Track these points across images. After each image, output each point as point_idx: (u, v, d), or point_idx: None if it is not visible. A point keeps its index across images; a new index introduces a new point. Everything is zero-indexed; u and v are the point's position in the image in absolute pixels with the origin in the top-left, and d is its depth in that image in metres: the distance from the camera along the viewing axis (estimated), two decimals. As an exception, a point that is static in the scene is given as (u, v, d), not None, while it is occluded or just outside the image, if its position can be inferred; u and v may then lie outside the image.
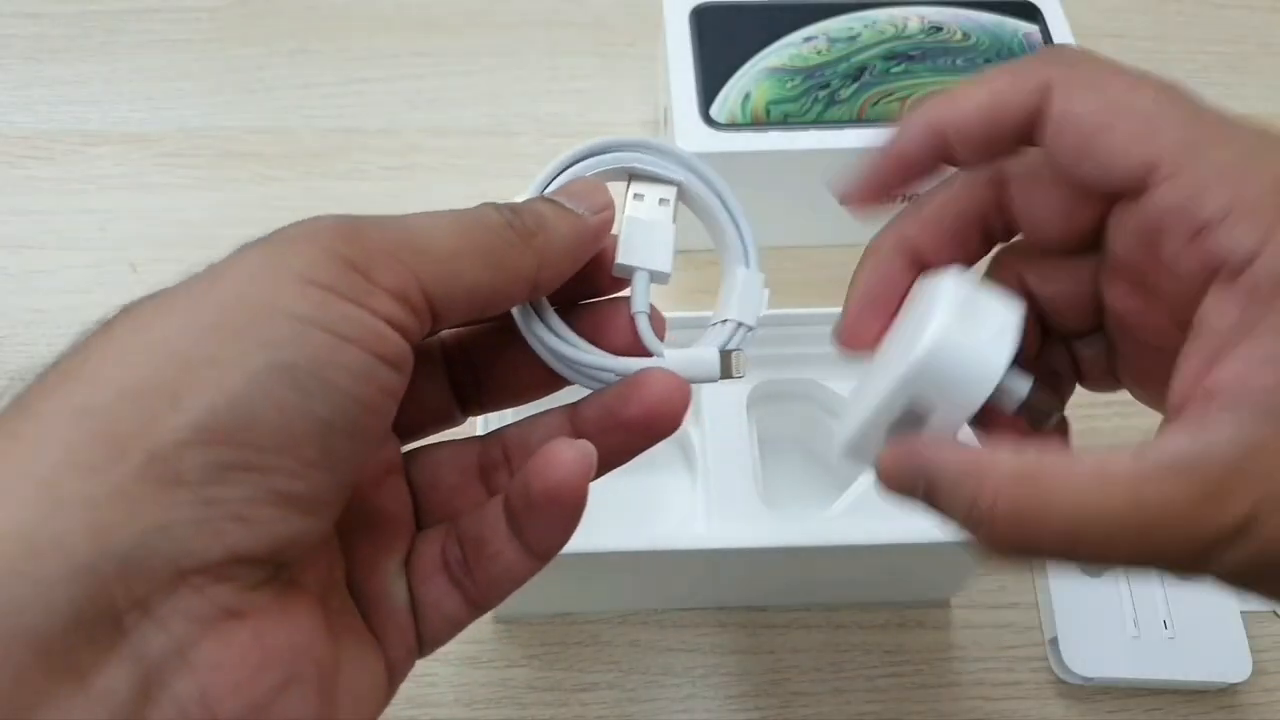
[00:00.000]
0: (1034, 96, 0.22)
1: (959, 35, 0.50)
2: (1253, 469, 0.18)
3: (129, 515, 0.17)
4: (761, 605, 0.41)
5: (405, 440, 0.26)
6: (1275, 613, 0.42)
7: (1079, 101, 0.22)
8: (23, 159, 0.54)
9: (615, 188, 0.26)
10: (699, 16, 0.50)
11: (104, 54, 0.58)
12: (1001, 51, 0.50)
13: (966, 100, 0.23)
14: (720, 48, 0.49)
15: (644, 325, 0.25)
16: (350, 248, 0.20)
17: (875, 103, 0.47)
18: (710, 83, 0.48)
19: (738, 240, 0.28)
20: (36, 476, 0.17)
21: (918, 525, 0.38)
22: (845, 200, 0.28)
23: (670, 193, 0.27)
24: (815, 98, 0.47)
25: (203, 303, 0.19)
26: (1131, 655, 0.39)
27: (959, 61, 0.49)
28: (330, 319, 0.19)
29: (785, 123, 0.47)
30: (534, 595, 0.40)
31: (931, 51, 0.49)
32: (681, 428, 0.41)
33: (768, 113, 0.47)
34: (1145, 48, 0.60)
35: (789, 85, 0.48)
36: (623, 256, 0.25)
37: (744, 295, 0.27)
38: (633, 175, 0.27)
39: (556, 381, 0.25)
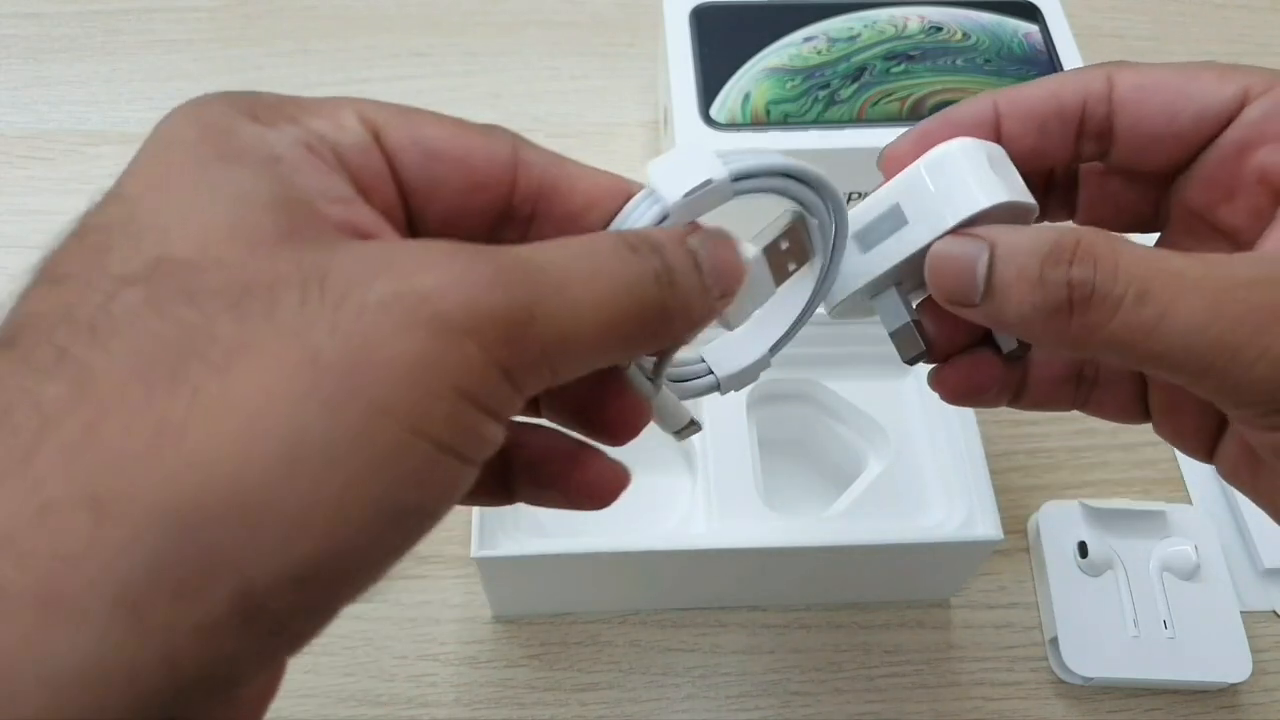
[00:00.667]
0: (1097, 80, 0.24)
1: (959, 35, 0.50)
2: None
3: (203, 649, 0.15)
4: (761, 605, 0.41)
5: None
6: (1275, 612, 0.42)
7: (1146, 72, 0.24)
8: (23, 159, 0.54)
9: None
10: (699, 16, 0.50)
11: (104, 54, 0.58)
12: (1001, 51, 0.50)
13: (1029, 85, 0.24)
14: (720, 48, 0.49)
15: (669, 357, 0.23)
16: (514, 353, 0.16)
17: (875, 103, 0.47)
18: (710, 83, 0.48)
19: (786, 334, 0.26)
20: (114, 594, 0.14)
21: (918, 525, 0.38)
22: (891, 158, 0.25)
23: (802, 264, 0.24)
24: (815, 98, 0.47)
25: (337, 385, 0.15)
26: (1132, 655, 0.39)
27: (959, 61, 0.49)
28: (471, 445, 0.16)
29: (785, 123, 0.47)
30: (534, 595, 0.40)
31: (931, 51, 0.49)
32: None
33: (768, 113, 0.47)
34: (1144, 48, 0.60)
35: (789, 85, 0.48)
36: None
37: (746, 372, 0.26)
38: (801, 220, 0.23)
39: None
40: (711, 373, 0.25)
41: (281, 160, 0.18)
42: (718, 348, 0.25)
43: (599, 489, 0.23)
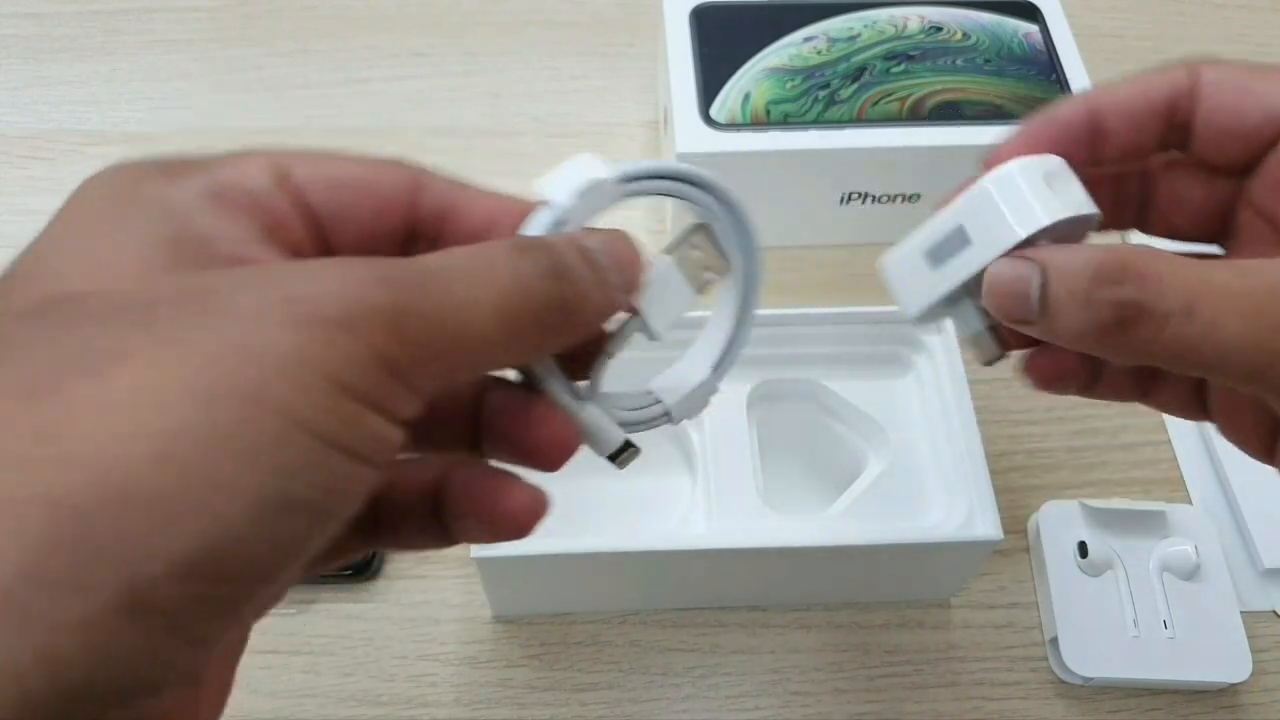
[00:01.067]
0: (1182, 75, 0.25)
1: (959, 35, 0.50)
2: None
3: (88, 647, 0.14)
4: (761, 605, 0.41)
5: None
6: (1275, 613, 0.42)
7: (1226, 68, 0.25)
8: (23, 159, 0.54)
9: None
10: (699, 16, 0.50)
11: (104, 54, 0.58)
12: (1001, 51, 0.50)
13: (1119, 84, 0.26)
14: (720, 48, 0.49)
15: (603, 368, 0.24)
16: (395, 346, 0.17)
17: (875, 103, 0.47)
18: (710, 83, 0.48)
19: (726, 350, 0.26)
20: None
21: (918, 525, 0.38)
22: (995, 159, 0.25)
23: (719, 272, 0.25)
24: (815, 98, 0.47)
25: (213, 381, 0.15)
26: (1131, 655, 0.39)
27: (959, 61, 0.49)
28: (356, 438, 0.16)
29: (785, 123, 0.47)
30: (534, 595, 0.40)
31: (931, 51, 0.49)
32: (681, 428, 0.42)
33: (768, 113, 0.47)
34: (1144, 48, 0.60)
35: (789, 85, 0.48)
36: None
37: (695, 394, 0.26)
38: (705, 227, 0.24)
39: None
40: (660, 402, 0.25)
41: (180, 208, 0.19)
42: (665, 378, 0.26)
43: (515, 518, 0.22)
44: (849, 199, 0.49)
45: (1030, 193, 0.24)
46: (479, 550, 0.35)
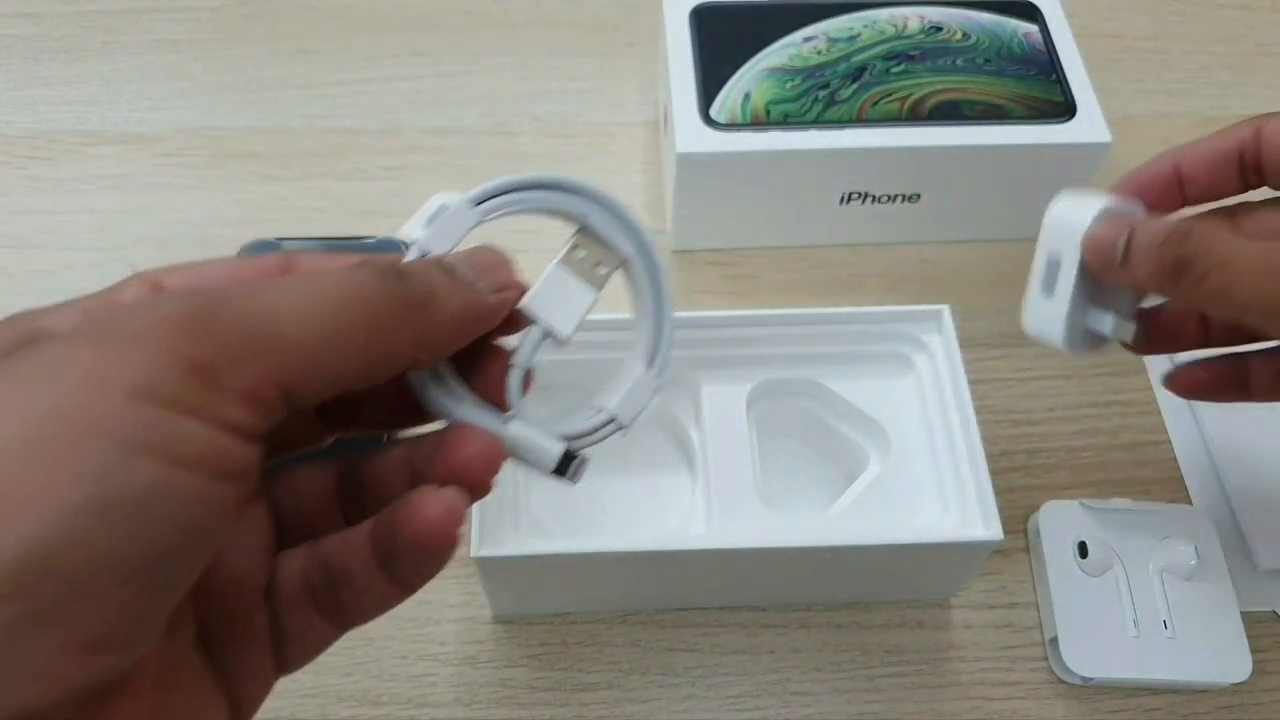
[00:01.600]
0: (1248, 130, 0.33)
1: (959, 35, 0.50)
2: None
3: None
4: (761, 605, 0.41)
5: (266, 460, 0.23)
6: (1275, 613, 0.42)
7: None
8: (23, 159, 0.54)
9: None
10: (699, 17, 0.50)
11: (104, 54, 0.58)
12: (1001, 51, 0.50)
13: (1200, 142, 0.34)
14: (720, 48, 0.49)
15: (516, 380, 0.24)
16: (198, 346, 0.17)
17: (875, 103, 0.47)
18: (710, 83, 0.48)
19: (654, 338, 0.26)
20: None
21: (918, 525, 0.38)
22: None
23: (612, 263, 0.25)
24: (815, 98, 0.48)
25: (16, 412, 0.16)
26: (1131, 655, 0.39)
27: (959, 61, 0.49)
28: (165, 442, 0.16)
29: (785, 123, 0.47)
30: (534, 596, 0.40)
31: (931, 51, 0.49)
32: (683, 427, 0.42)
33: (768, 113, 0.47)
34: (1144, 48, 0.60)
35: (789, 85, 0.48)
36: (529, 303, 0.24)
37: (634, 393, 0.26)
38: (583, 227, 0.25)
39: (427, 415, 0.24)
40: (602, 410, 0.25)
41: (48, 324, 0.20)
42: (608, 389, 0.26)
43: (471, 465, 0.22)
44: (849, 199, 0.49)
45: (1080, 199, 0.32)
46: (479, 550, 0.35)
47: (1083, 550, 0.41)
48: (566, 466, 0.24)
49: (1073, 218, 0.32)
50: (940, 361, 0.41)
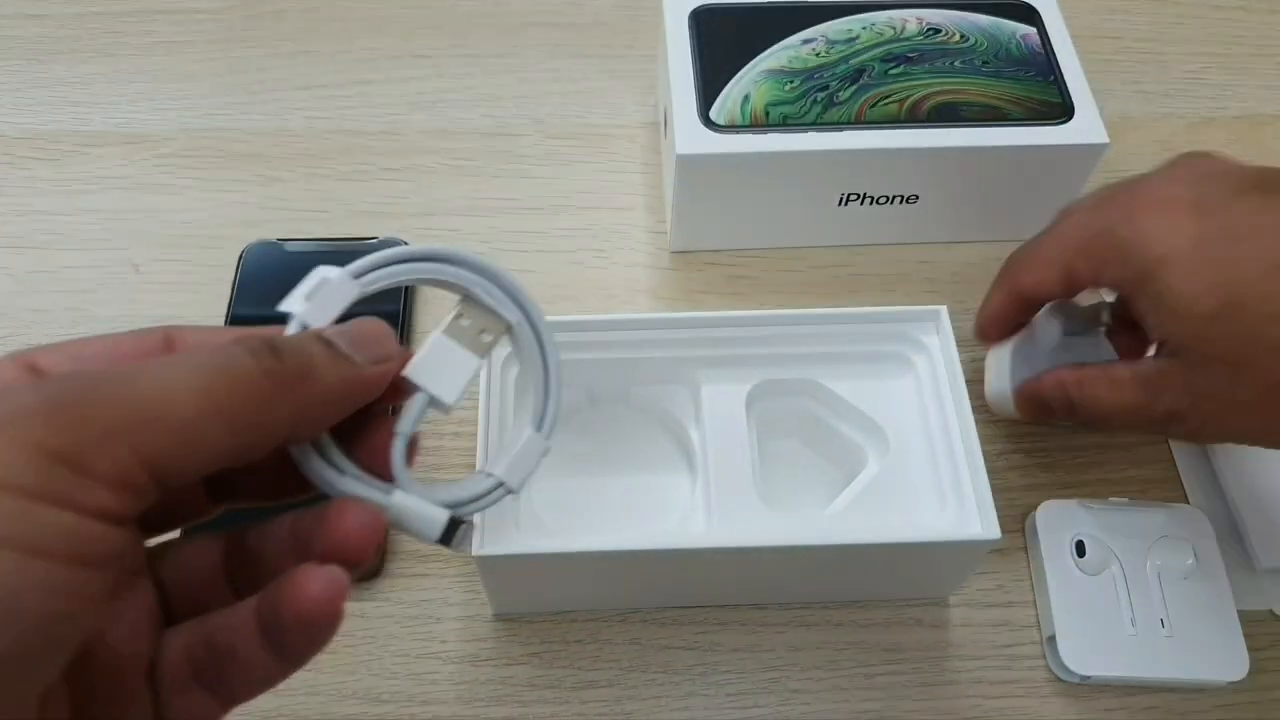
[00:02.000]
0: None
1: (957, 37, 0.50)
2: (1169, 383, 0.36)
3: None
4: (761, 604, 0.42)
5: (152, 534, 0.23)
6: (1272, 612, 0.42)
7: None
8: (25, 159, 0.54)
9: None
10: (698, 18, 0.50)
11: (106, 55, 0.58)
12: (999, 53, 0.50)
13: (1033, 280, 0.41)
14: (720, 50, 0.49)
15: (399, 450, 0.24)
16: (61, 435, 0.17)
17: (874, 104, 0.48)
18: (710, 84, 0.48)
19: (542, 401, 0.27)
20: None
21: (916, 524, 0.38)
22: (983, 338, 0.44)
23: (497, 331, 0.26)
24: (814, 99, 0.48)
25: None
26: (1129, 654, 0.39)
27: (957, 63, 0.49)
28: (26, 534, 0.16)
29: (784, 124, 0.47)
30: (534, 594, 0.40)
31: (929, 53, 0.50)
32: (683, 427, 0.42)
33: (767, 114, 0.47)
34: (1142, 49, 0.60)
35: (788, 87, 0.48)
36: (413, 372, 0.24)
37: (522, 456, 0.26)
38: (466, 296, 0.26)
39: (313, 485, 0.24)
40: (491, 475, 0.26)
41: None
42: (496, 454, 0.26)
43: (351, 539, 0.22)
44: (848, 200, 0.49)
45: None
46: (480, 548, 0.35)
47: (1080, 549, 0.41)
48: (451, 535, 0.24)
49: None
50: (939, 361, 0.41)
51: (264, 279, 0.49)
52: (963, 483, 0.38)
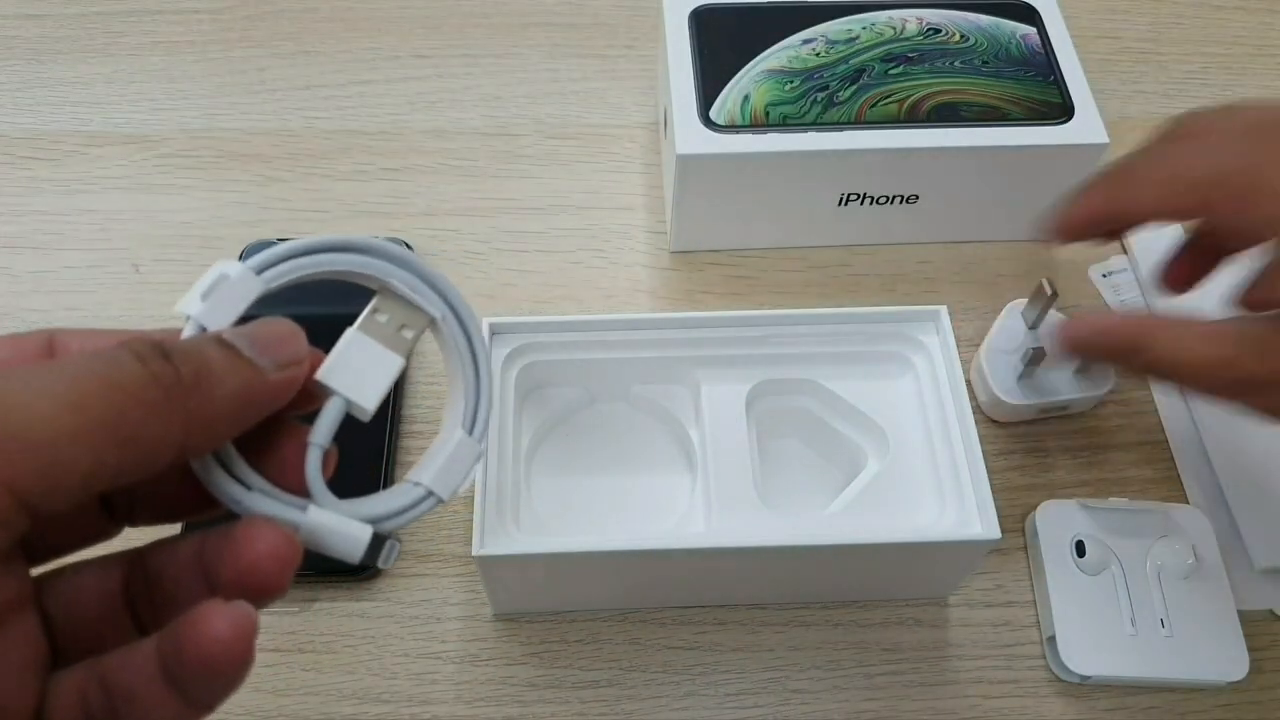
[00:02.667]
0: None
1: (957, 37, 0.50)
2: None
3: None
4: (761, 604, 0.42)
5: (40, 560, 0.21)
6: (1272, 612, 0.42)
7: None
8: (25, 160, 0.54)
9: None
10: (698, 18, 0.50)
11: (106, 55, 0.58)
12: (999, 53, 0.50)
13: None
14: (720, 50, 0.49)
15: (314, 461, 0.21)
16: None
17: (874, 104, 0.48)
18: (710, 84, 0.48)
19: (473, 401, 0.25)
20: None
21: (915, 525, 0.38)
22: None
23: (419, 325, 0.24)
24: (814, 99, 0.48)
25: None
26: (1129, 654, 0.39)
27: (957, 63, 0.49)
28: None
29: (784, 124, 0.47)
30: (534, 594, 0.40)
31: (929, 53, 0.50)
32: (683, 426, 0.42)
33: (767, 114, 0.47)
34: (1142, 49, 0.60)
35: (788, 87, 0.48)
36: (326, 375, 0.22)
37: (452, 461, 0.24)
38: (382, 289, 0.24)
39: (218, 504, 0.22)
40: (420, 484, 0.24)
41: None
42: (424, 462, 0.24)
43: (263, 563, 0.20)
44: (847, 200, 0.49)
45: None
46: (480, 549, 0.35)
47: (1080, 549, 0.41)
48: (376, 553, 0.22)
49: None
50: (939, 361, 0.41)
51: None
52: (963, 483, 0.38)
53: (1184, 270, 0.39)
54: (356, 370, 0.22)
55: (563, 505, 0.41)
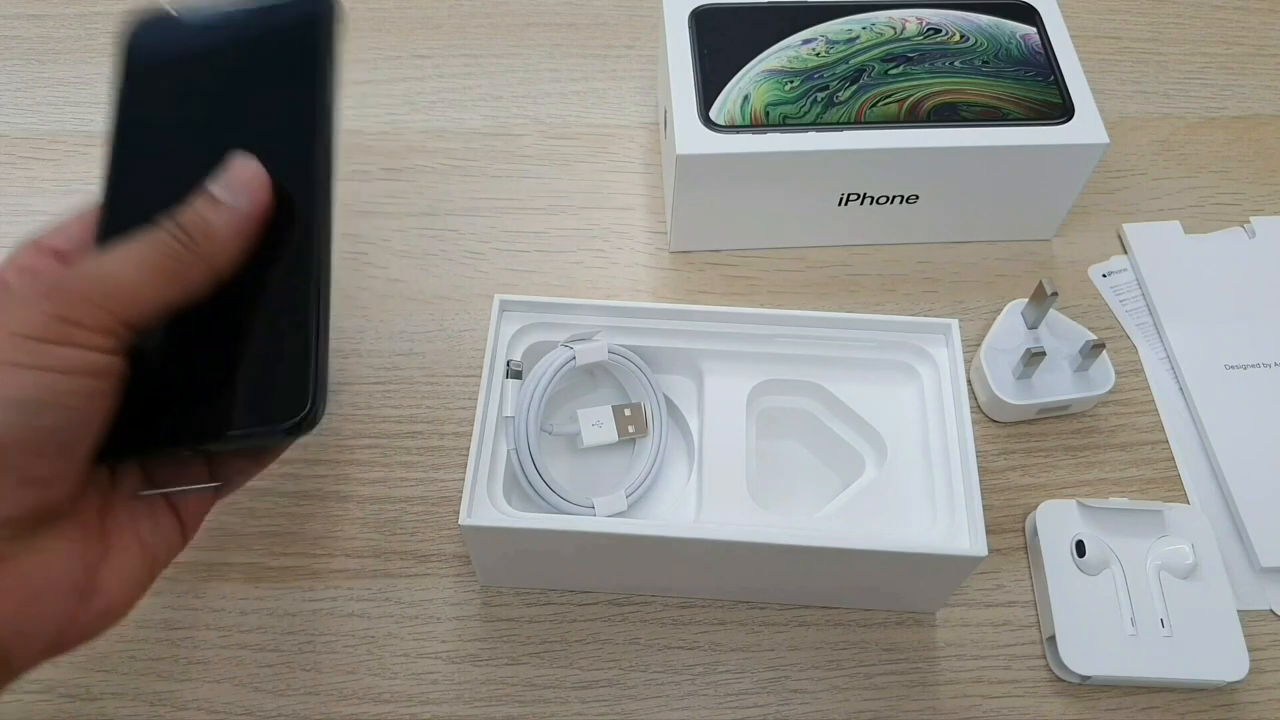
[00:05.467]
0: None
1: (957, 37, 0.50)
2: None
3: None
4: (760, 603, 0.42)
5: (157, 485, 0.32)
6: (1273, 612, 0.42)
7: None
8: (26, 160, 0.54)
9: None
10: (698, 18, 0.50)
11: (106, 55, 0.58)
12: (999, 53, 0.50)
13: None
14: (720, 50, 0.49)
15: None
16: (59, 304, 0.27)
17: (874, 104, 0.48)
18: (710, 84, 0.48)
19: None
20: None
21: (905, 534, 0.38)
22: None
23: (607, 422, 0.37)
24: (814, 99, 0.48)
25: None
26: (1129, 654, 0.39)
27: (957, 63, 0.49)
28: (44, 360, 0.26)
29: (784, 124, 0.47)
30: (519, 568, 0.40)
31: (929, 53, 0.50)
32: (683, 414, 0.42)
33: (767, 114, 0.47)
34: (1142, 49, 0.60)
35: (788, 87, 0.48)
36: None
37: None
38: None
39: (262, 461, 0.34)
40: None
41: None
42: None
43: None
44: (847, 200, 0.49)
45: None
46: (467, 518, 0.35)
47: (1080, 549, 0.41)
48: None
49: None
50: (945, 374, 0.41)
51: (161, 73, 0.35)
52: (956, 497, 0.38)
53: None
54: None
55: (565, 480, 0.41)
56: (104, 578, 0.29)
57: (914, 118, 0.47)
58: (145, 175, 0.33)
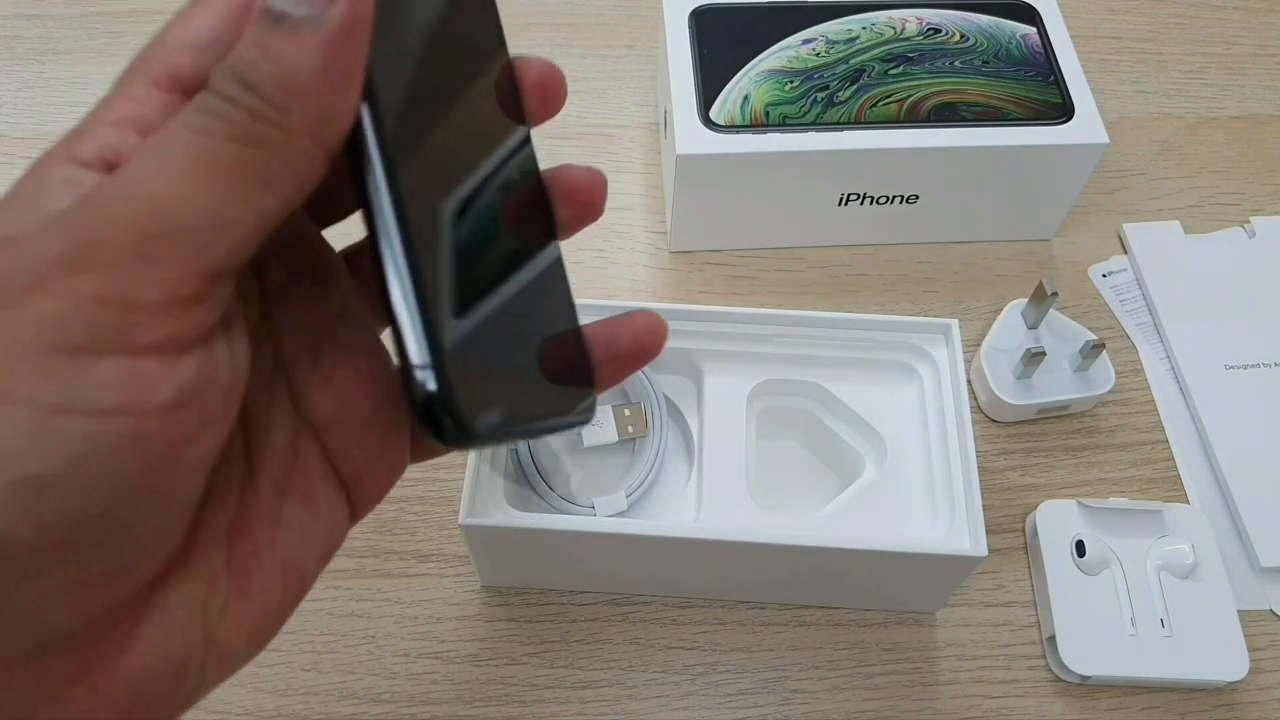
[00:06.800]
0: None
1: (957, 37, 0.50)
2: None
3: None
4: (760, 603, 0.42)
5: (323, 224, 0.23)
6: (1273, 612, 0.42)
7: None
8: (26, 160, 0.54)
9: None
10: (699, 18, 0.50)
11: (106, 56, 0.58)
12: (999, 53, 0.50)
13: None
14: (720, 50, 0.49)
15: None
16: (96, 275, 0.15)
17: (874, 104, 0.48)
18: (710, 84, 0.48)
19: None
20: None
21: (904, 535, 0.38)
22: None
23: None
24: (814, 99, 0.48)
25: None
26: (1129, 654, 0.39)
27: (957, 63, 0.49)
28: (85, 393, 0.15)
29: (784, 124, 0.47)
30: (518, 567, 0.40)
31: (930, 53, 0.50)
32: (683, 415, 0.42)
33: (767, 114, 0.47)
34: (1142, 49, 0.60)
35: (788, 87, 0.48)
36: None
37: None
38: None
39: None
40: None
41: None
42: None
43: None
44: (847, 200, 0.49)
45: None
46: (466, 518, 0.35)
47: (1080, 549, 0.41)
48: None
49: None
50: (945, 374, 0.41)
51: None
52: (956, 498, 0.38)
53: None
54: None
55: (571, 477, 0.41)
56: (225, 629, 0.20)
57: (914, 118, 0.47)
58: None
